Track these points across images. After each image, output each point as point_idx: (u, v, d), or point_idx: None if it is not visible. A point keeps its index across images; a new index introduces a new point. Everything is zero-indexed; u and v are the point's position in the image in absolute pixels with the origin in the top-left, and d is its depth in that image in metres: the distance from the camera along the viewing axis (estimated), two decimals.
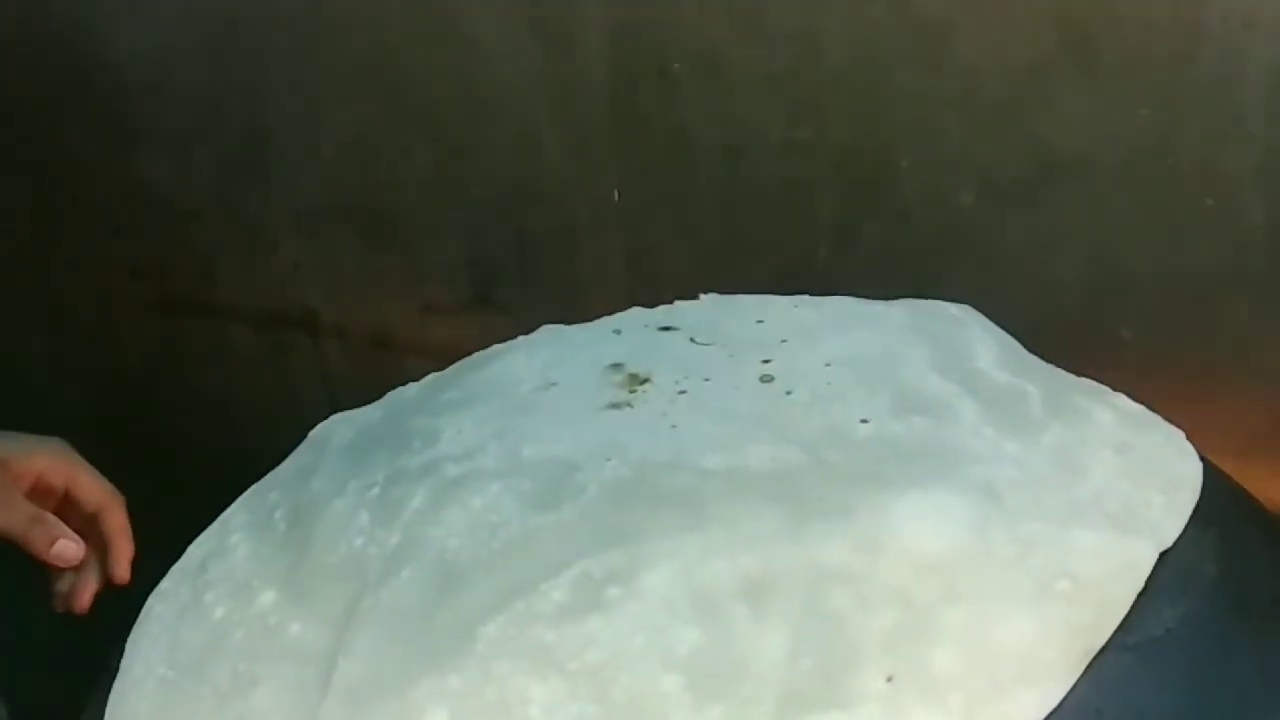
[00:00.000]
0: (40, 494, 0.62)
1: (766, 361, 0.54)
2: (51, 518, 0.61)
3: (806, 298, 0.61)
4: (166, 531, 0.58)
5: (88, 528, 0.63)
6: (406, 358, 0.89)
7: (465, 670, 0.43)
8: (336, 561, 0.48)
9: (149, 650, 0.51)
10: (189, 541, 0.58)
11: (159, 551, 0.58)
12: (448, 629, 0.44)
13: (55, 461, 0.64)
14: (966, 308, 0.60)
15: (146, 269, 0.94)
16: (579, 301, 0.80)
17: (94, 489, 0.64)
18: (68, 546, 0.60)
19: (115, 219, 0.94)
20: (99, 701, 0.52)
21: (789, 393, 0.52)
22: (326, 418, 0.64)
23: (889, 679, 0.42)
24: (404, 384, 0.61)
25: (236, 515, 0.55)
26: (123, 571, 0.62)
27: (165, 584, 0.54)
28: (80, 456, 0.66)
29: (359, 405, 0.60)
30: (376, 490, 0.50)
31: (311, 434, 0.59)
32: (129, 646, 0.52)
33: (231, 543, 0.53)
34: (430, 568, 0.46)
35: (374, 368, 0.90)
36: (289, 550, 0.50)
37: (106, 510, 0.64)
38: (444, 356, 0.69)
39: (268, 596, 0.49)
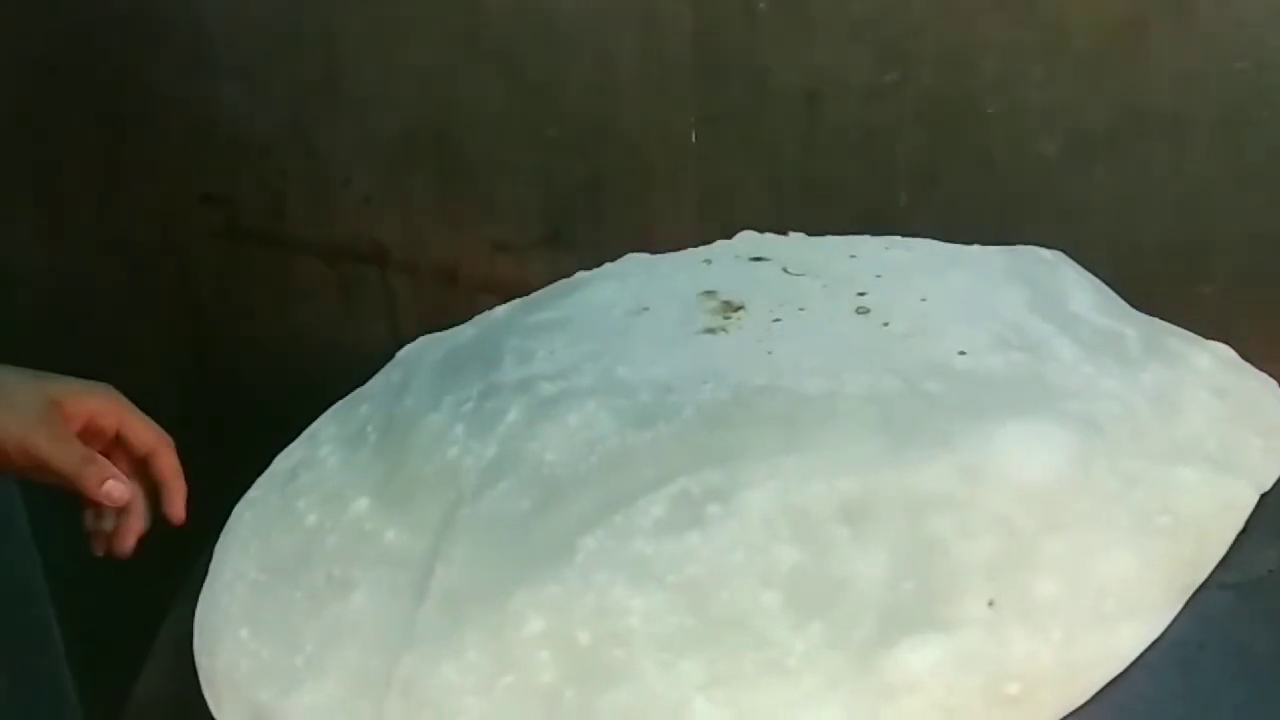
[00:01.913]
0: (90, 436, 0.63)
1: (862, 294, 0.54)
2: (102, 458, 0.62)
3: (897, 239, 0.61)
4: (228, 459, 0.58)
5: (136, 472, 0.63)
6: (474, 295, 0.89)
7: (564, 580, 0.43)
8: (432, 471, 0.48)
9: (239, 555, 0.51)
10: (250, 470, 0.59)
11: (220, 478, 0.59)
12: (546, 540, 0.45)
13: (107, 404, 0.65)
14: (1059, 253, 0.60)
15: (218, 199, 0.94)
16: (649, 243, 0.80)
17: (145, 432, 0.65)
18: (116, 486, 0.61)
19: (188, 149, 0.94)
20: (185, 605, 0.52)
21: (885, 324, 0.52)
22: (391, 353, 0.65)
23: (990, 604, 0.42)
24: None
25: (325, 428, 0.55)
26: (178, 510, 0.63)
27: (253, 492, 0.54)
28: (129, 402, 0.67)
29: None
30: (470, 405, 0.50)
31: (400, 354, 0.59)
32: (217, 551, 0.53)
33: (322, 454, 0.53)
34: (528, 480, 0.46)
35: (441, 304, 0.90)
36: (382, 460, 0.50)
37: (157, 453, 0.64)
38: (512, 294, 0.69)
39: (361, 504, 0.49)
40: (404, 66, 0.87)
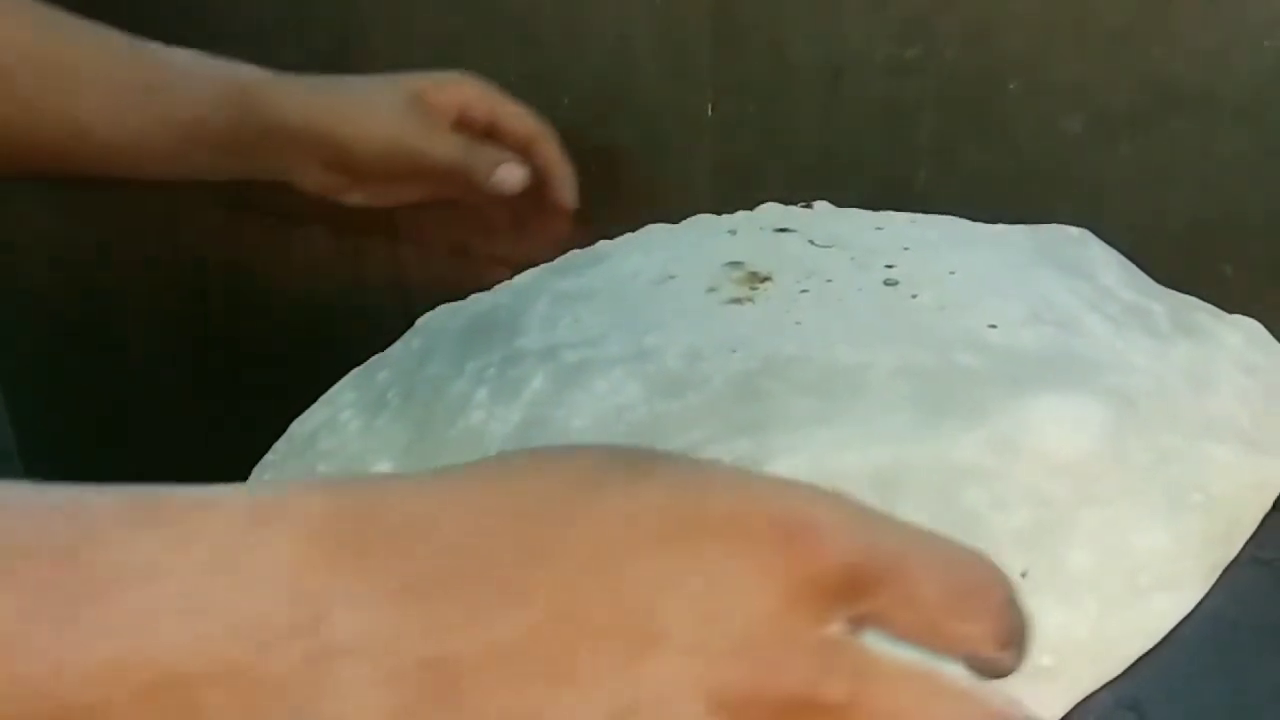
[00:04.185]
0: (460, 128, 0.59)
1: (890, 267, 0.53)
2: (487, 144, 0.58)
3: (922, 215, 0.61)
4: (235, 429, 0.58)
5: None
6: (485, 268, 0.88)
7: None
8: (456, 436, 0.48)
9: None
10: (260, 440, 0.58)
11: (229, 449, 0.58)
12: None
13: (475, 93, 0.61)
14: (1086, 231, 0.59)
15: None
16: (664, 216, 0.80)
17: (522, 119, 0.60)
18: (512, 170, 0.57)
19: None
20: None
21: (915, 296, 0.51)
22: (400, 325, 0.64)
23: (1024, 575, 0.41)
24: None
25: (343, 393, 0.55)
26: (568, 195, 0.59)
27: (271, 455, 0.54)
28: (496, 88, 0.62)
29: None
30: (493, 370, 0.50)
31: (419, 322, 0.58)
32: None
33: (342, 418, 0.53)
34: None
35: (451, 276, 0.89)
36: (405, 425, 0.50)
37: (538, 140, 0.60)
38: (522, 267, 0.68)
39: (384, 468, 0.48)
40: (417, 35, 0.86)
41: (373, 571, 0.29)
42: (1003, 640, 0.30)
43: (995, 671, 0.30)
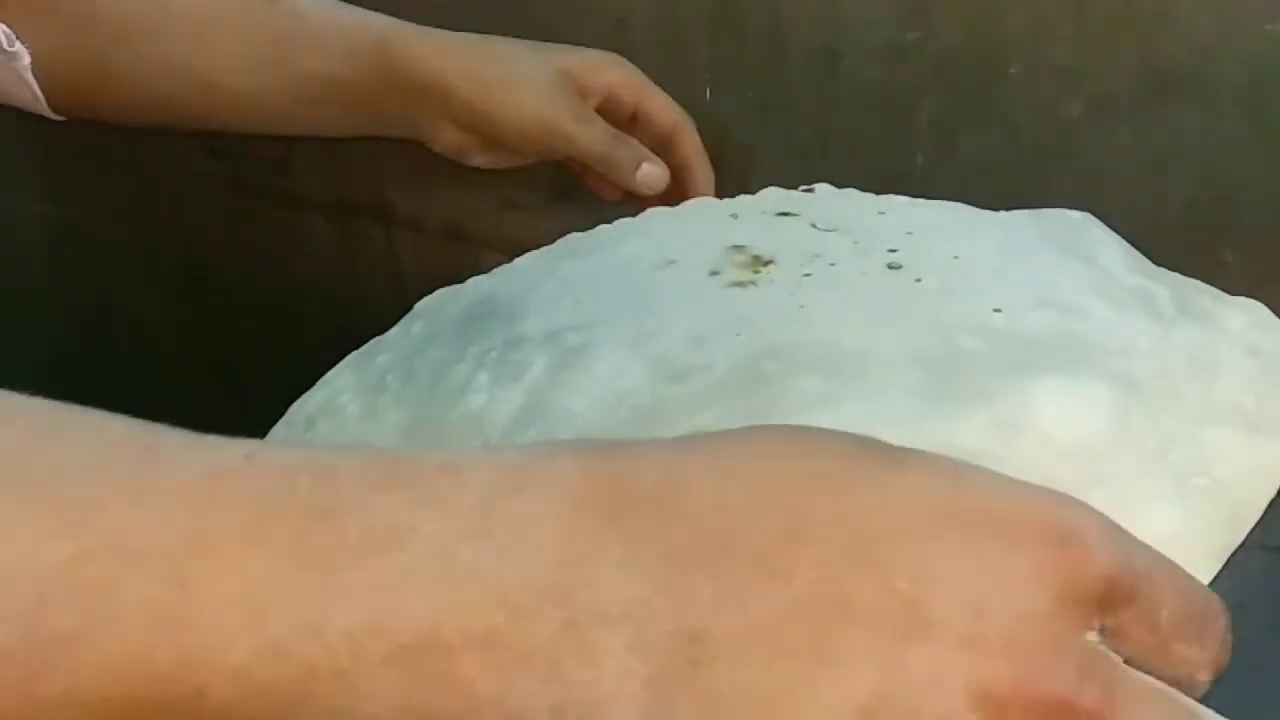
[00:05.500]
0: (605, 113, 0.57)
1: (893, 251, 0.53)
2: (633, 139, 0.57)
3: (923, 200, 0.60)
4: (232, 412, 0.57)
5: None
6: (481, 252, 0.88)
7: None
8: (456, 419, 0.48)
9: None
10: (258, 423, 0.58)
11: (226, 431, 0.58)
12: None
13: (623, 77, 0.60)
14: (1088, 215, 0.59)
15: (223, 154, 0.92)
16: (661, 202, 0.79)
17: (667, 109, 0.59)
18: (654, 171, 0.56)
19: None
20: None
21: (918, 280, 0.51)
22: (396, 310, 0.63)
23: None
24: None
25: (341, 376, 0.55)
26: (705, 190, 0.57)
27: (271, 438, 0.53)
28: (642, 73, 0.61)
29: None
30: (495, 354, 0.50)
31: (418, 306, 0.58)
32: None
33: (341, 401, 0.52)
34: (557, 430, 0.46)
35: (447, 261, 0.89)
36: (405, 407, 0.50)
37: (680, 132, 0.59)
38: (519, 252, 0.67)
39: None
40: (412, 19, 0.86)
41: (633, 538, 0.29)
42: (1218, 668, 0.31)
43: (1193, 696, 0.31)
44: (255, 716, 0.28)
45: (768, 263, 0.53)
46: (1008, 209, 0.61)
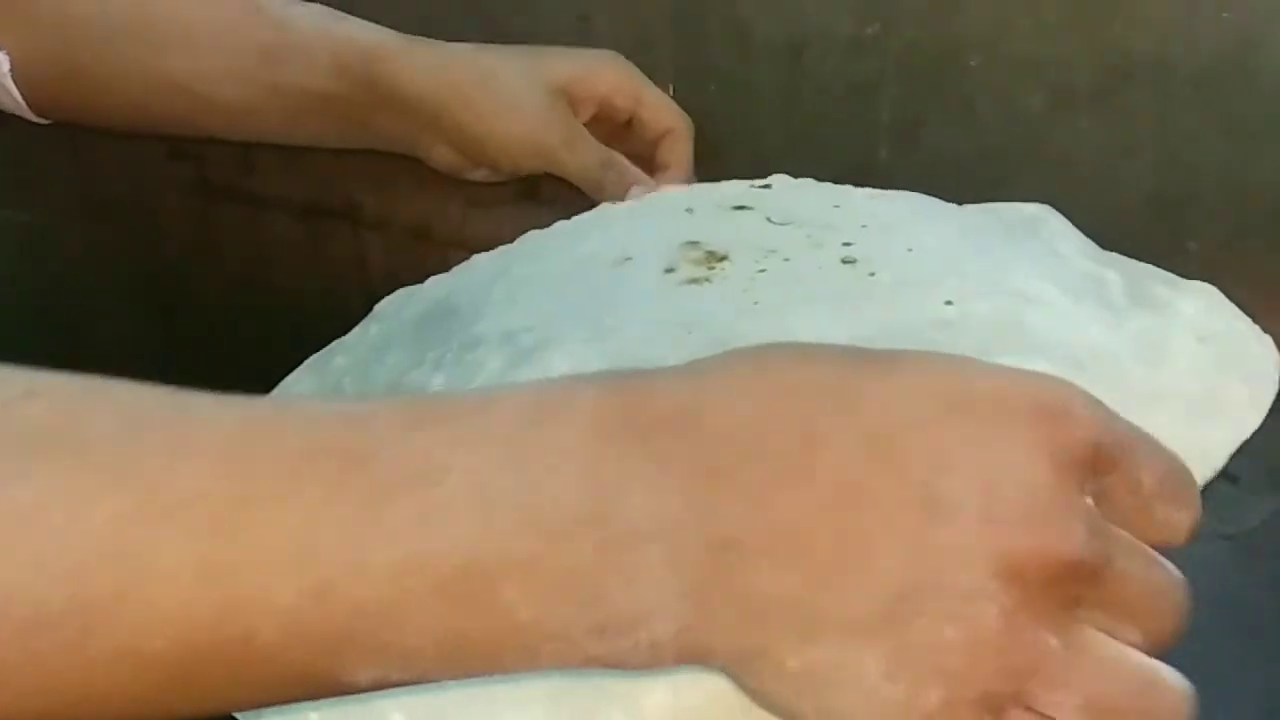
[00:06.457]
0: (601, 119, 0.57)
1: (847, 244, 0.53)
2: (621, 160, 0.56)
3: (880, 190, 0.60)
4: None
5: (647, 154, 0.57)
6: (447, 251, 0.87)
7: None
8: None
9: None
10: None
11: None
12: None
13: (620, 80, 0.59)
14: (1045, 206, 0.59)
15: (186, 154, 0.92)
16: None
17: (664, 111, 0.59)
18: (641, 194, 0.55)
19: None
20: None
21: (872, 274, 0.51)
22: (361, 309, 0.63)
23: None
24: None
25: (300, 380, 0.54)
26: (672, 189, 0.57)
27: None
28: (640, 73, 0.60)
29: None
30: (450, 355, 0.49)
31: (377, 307, 0.58)
32: None
33: None
34: None
35: (413, 260, 0.89)
36: None
37: (674, 135, 0.58)
38: (481, 249, 0.67)
39: None
40: (377, 19, 0.85)
41: (658, 457, 0.30)
42: (1195, 531, 0.33)
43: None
44: (302, 658, 0.29)
45: (722, 258, 0.52)
46: (972, 200, 0.61)
